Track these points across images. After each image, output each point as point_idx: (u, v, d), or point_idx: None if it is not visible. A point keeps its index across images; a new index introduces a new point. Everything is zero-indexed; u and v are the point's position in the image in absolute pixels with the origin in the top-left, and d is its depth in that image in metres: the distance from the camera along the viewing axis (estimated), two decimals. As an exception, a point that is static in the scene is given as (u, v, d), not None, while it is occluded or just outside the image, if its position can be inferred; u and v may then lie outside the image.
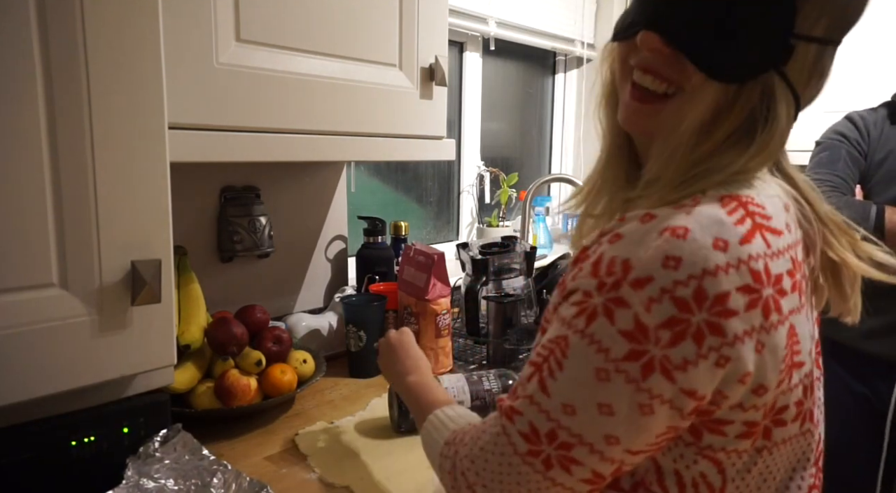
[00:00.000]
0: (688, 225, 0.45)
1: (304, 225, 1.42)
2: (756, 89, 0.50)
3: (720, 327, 0.44)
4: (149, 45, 0.67)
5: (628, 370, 0.45)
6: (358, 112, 1.01)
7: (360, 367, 1.25)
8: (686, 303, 0.43)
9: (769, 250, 0.47)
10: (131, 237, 0.68)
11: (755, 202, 0.49)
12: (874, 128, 1.46)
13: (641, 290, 0.44)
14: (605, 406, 0.46)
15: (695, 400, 0.46)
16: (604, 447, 0.48)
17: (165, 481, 0.74)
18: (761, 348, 0.46)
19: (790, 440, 0.53)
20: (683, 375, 0.44)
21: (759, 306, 0.45)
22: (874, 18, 1.44)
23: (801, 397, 0.52)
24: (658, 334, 0.44)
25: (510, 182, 2.03)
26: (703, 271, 0.44)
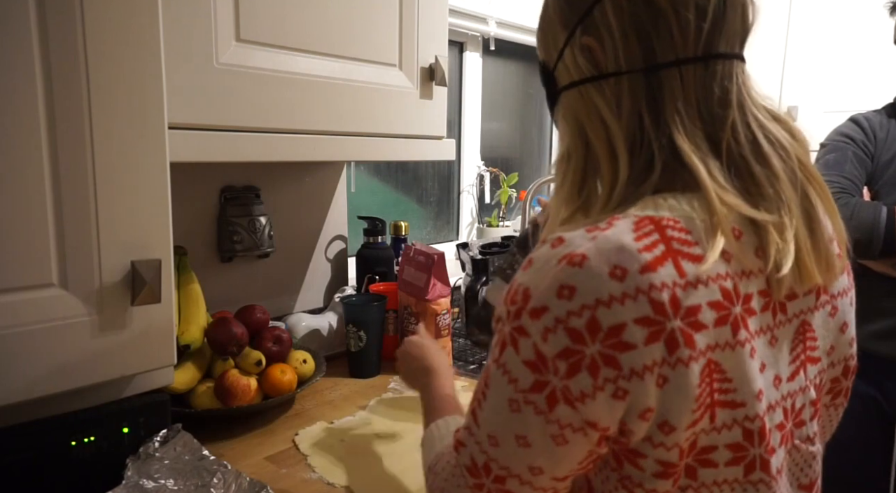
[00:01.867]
0: (586, 252, 0.44)
1: (304, 225, 1.42)
2: None
3: (615, 360, 0.43)
4: (149, 45, 0.67)
5: (536, 402, 0.45)
6: (358, 112, 1.01)
7: (360, 367, 1.25)
8: (580, 334, 0.43)
9: (682, 279, 0.44)
10: (131, 237, 0.68)
11: (677, 226, 0.46)
12: (880, 129, 1.46)
13: (538, 320, 0.44)
14: (521, 438, 0.47)
15: (598, 431, 0.45)
16: (531, 478, 0.48)
17: (165, 481, 0.74)
18: (663, 382, 0.43)
19: (727, 485, 0.49)
20: (583, 406, 0.44)
21: (660, 340, 0.43)
22: (874, 19, 1.44)
23: (741, 441, 0.47)
24: (556, 365, 0.44)
25: (510, 182, 2.03)
26: (597, 301, 0.42)
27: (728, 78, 0.51)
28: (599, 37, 0.52)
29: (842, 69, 1.83)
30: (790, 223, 0.49)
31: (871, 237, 1.25)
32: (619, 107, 0.52)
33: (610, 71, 0.52)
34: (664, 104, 0.50)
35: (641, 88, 0.51)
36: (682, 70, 0.50)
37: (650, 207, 0.48)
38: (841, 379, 0.60)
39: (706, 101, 0.50)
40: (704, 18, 0.49)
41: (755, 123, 0.51)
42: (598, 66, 0.53)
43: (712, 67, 0.50)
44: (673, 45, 0.50)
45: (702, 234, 0.46)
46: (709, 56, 0.50)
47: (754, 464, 0.48)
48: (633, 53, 0.51)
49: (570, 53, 0.54)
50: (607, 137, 0.52)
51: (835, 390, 0.61)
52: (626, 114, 0.51)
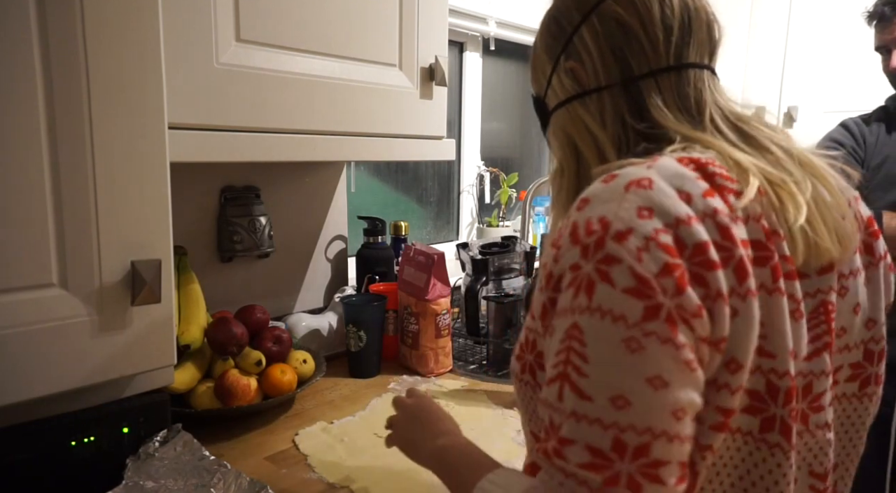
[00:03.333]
0: (650, 176, 0.45)
1: (304, 225, 1.42)
2: None
3: (704, 279, 0.42)
4: (149, 45, 0.67)
5: (656, 331, 0.40)
6: (358, 112, 1.01)
7: (360, 367, 1.25)
8: (672, 249, 0.42)
9: (731, 212, 0.45)
10: (131, 237, 0.68)
11: (715, 163, 0.48)
12: (870, 134, 1.47)
13: (626, 241, 0.42)
14: (656, 378, 0.40)
15: (708, 345, 0.43)
16: (678, 427, 0.41)
17: (165, 481, 0.74)
18: (733, 314, 0.43)
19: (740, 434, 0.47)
20: (699, 322, 0.42)
21: (730, 266, 0.43)
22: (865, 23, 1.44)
23: (763, 393, 0.47)
24: (662, 284, 0.41)
25: (510, 182, 2.03)
26: (676, 219, 0.43)
27: (700, 82, 0.57)
28: (580, 59, 0.59)
29: (842, 69, 1.83)
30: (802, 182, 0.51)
31: None
32: (603, 116, 0.58)
33: (592, 87, 0.58)
34: (647, 106, 0.56)
35: (621, 98, 0.57)
36: (658, 79, 0.56)
37: (681, 150, 0.51)
38: (865, 365, 0.58)
39: (684, 102, 0.56)
40: (672, 33, 0.56)
41: (735, 118, 0.57)
42: (582, 84, 0.59)
43: (685, 75, 0.56)
44: (646, 59, 0.56)
45: (734, 174, 0.48)
46: (681, 65, 0.56)
47: (773, 423, 0.47)
48: (610, 69, 0.57)
49: (556, 79, 0.61)
50: (595, 144, 0.58)
51: (861, 377, 0.58)
52: (610, 122, 0.58)
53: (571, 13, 0.59)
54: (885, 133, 1.45)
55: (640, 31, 0.56)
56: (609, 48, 0.57)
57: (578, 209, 0.46)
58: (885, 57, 1.42)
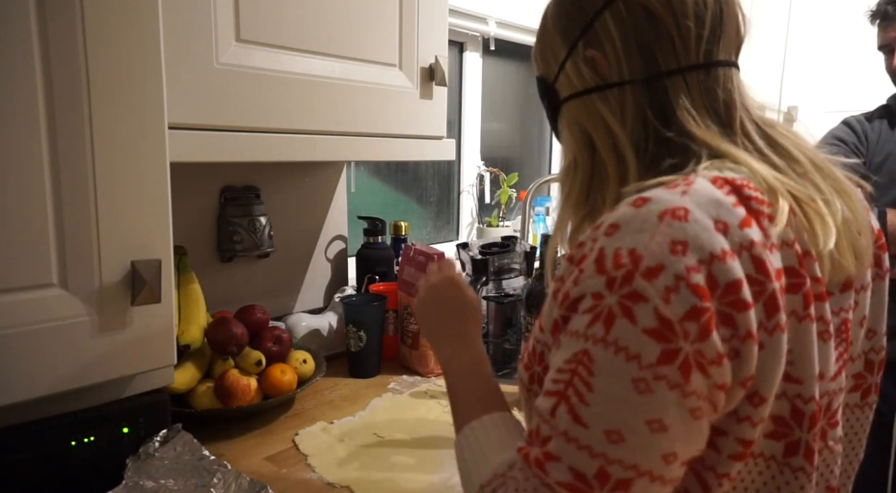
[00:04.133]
0: (686, 205, 0.42)
1: (304, 225, 1.42)
2: None
3: (732, 319, 0.41)
4: (149, 45, 0.67)
5: (668, 375, 0.39)
6: (358, 112, 1.01)
7: (360, 367, 1.25)
8: (703, 291, 0.40)
9: (767, 240, 0.43)
10: (131, 237, 0.68)
11: (750, 185, 0.46)
12: (872, 131, 1.47)
13: (656, 279, 0.40)
14: (655, 422, 0.40)
15: (724, 393, 0.42)
16: (664, 470, 0.41)
17: (165, 481, 0.74)
18: (760, 348, 0.42)
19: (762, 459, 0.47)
20: (717, 369, 0.40)
21: (761, 301, 0.42)
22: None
23: (788, 418, 0.46)
24: (685, 328, 0.40)
25: (510, 182, 2.03)
26: (711, 255, 0.41)
27: (729, 82, 0.53)
28: (602, 48, 0.54)
29: (842, 70, 1.84)
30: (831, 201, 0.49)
31: None
32: (624, 114, 0.53)
33: (614, 81, 0.53)
34: (673, 107, 0.52)
35: (644, 95, 0.53)
36: (686, 76, 0.52)
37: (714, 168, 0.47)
38: (866, 375, 0.58)
39: (713, 103, 0.52)
40: (704, 27, 0.51)
41: (762, 122, 0.53)
42: (602, 76, 0.54)
43: (714, 73, 0.52)
44: (675, 54, 0.52)
45: (767, 195, 0.46)
46: (710, 63, 0.52)
47: (798, 447, 0.47)
48: (635, 63, 0.52)
49: (572, 65, 0.56)
50: (613, 143, 0.54)
51: (862, 388, 0.59)
52: (631, 120, 0.53)
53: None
54: (888, 131, 1.45)
55: (671, 24, 0.51)
56: (635, 40, 0.52)
57: (607, 235, 0.43)
58: (887, 56, 1.42)
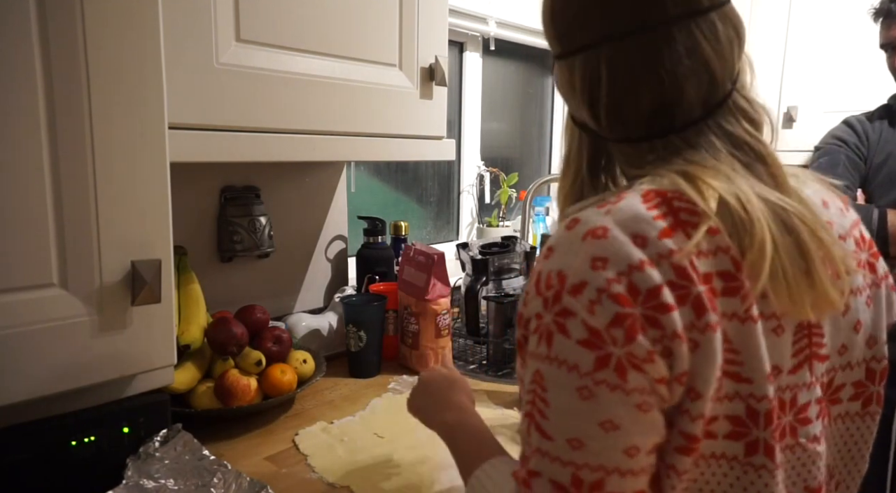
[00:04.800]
0: (605, 224, 0.46)
1: (304, 225, 1.42)
2: None
3: (658, 321, 0.44)
4: (149, 45, 0.67)
5: (606, 379, 0.44)
6: (358, 112, 1.01)
7: (360, 367, 1.25)
8: (624, 298, 0.44)
9: (693, 248, 0.46)
10: (131, 237, 0.68)
11: (682, 198, 0.48)
12: (873, 131, 1.47)
13: (581, 295, 0.44)
14: (607, 422, 0.44)
15: (665, 385, 0.45)
16: (630, 463, 0.45)
17: (165, 481, 0.74)
18: (694, 347, 0.45)
19: (725, 460, 0.49)
20: (651, 366, 0.44)
21: (687, 304, 0.45)
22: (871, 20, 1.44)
23: (744, 417, 0.48)
24: (612, 334, 0.44)
25: (510, 182, 2.03)
26: (629, 266, 0.44)
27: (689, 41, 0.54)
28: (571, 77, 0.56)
29: (842, 69, 1.83)
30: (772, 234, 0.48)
31: None
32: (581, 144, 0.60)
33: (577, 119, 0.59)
34: None
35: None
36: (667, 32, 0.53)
37: (654, 182, 0.50)
38: (867, 383, 0.58)
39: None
40: None
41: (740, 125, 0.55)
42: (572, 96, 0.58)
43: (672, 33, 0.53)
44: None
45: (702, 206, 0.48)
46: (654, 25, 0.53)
47: (757, 446, 0.48)
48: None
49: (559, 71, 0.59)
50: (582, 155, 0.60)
51: (863, 396, 0.58)
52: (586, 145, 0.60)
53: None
54: (889, 130, 1.45)
55: None
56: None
57: (545, 258, 0.48)
58: (889, 54, 1.42)
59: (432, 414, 0.75)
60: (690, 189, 0.48)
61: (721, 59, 0.52)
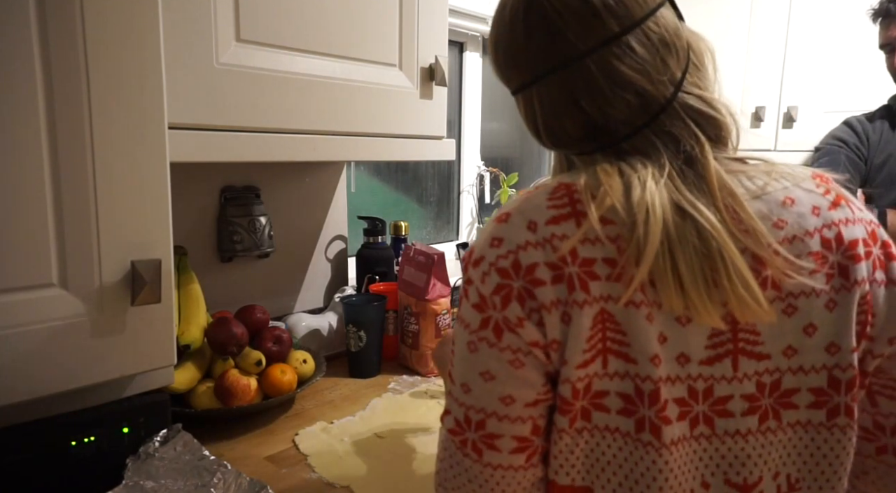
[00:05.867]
0: (510, 211, 0.54)
1: (304, 225, 1.42)
2: None
3: (533, 294, 0.51)
4: (149, 45, 0.67)
5: (487, 337, 0.52)
6: (358, 112, 1.01)
7: (360, 367, 1.25)
8: (507, 272, 0.52)
9: (580, 233, 0.51)
10: (131, 237, 0.68)
11: (587, 192, 0.53)
12: (873, 132, 1.47)
13: (478, 267, 0.53)
14: (486, 373, 0.53)
15: (541, 348, 0.52)
16: (506, 410, 0.53)
17: (165, 481, 0.74)
18: (568, 320, 0.51)
19: (619, 434, 0.53)
20: (522, 330, 0.51)
21: (563, 282, 0.51)
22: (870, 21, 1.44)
23: (632, 395, 0.52)
24: (493, 300, 0.52)
25: (510, 182, 2.03)
26: (517, 246, 0.52)
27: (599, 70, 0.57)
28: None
29: (842, 69, 1.83)
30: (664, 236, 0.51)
31: None
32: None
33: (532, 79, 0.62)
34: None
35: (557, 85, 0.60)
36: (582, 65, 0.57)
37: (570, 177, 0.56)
38: (830, 393, 0.55)
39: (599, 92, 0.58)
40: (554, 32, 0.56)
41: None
42: None
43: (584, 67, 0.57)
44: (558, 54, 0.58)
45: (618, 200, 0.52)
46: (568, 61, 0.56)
47: (644, 424, 0.52)
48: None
49: None
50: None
51: (827, 406, 0.55)
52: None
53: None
54: (889, 131, 1.45)
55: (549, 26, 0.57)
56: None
57: None
58: (888, 55, 1.42)
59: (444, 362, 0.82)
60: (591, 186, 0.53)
61: (647, 74, 0.54)
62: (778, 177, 0.56)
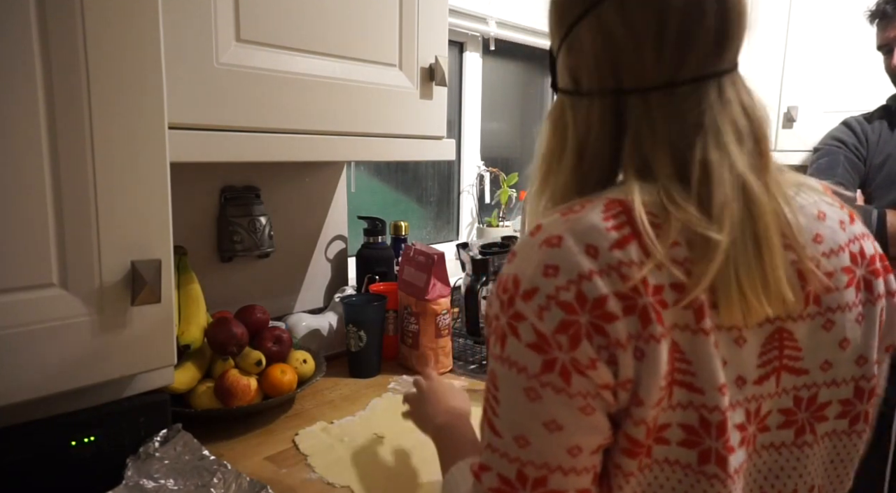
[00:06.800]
0: (562, 233, 0.47)
1: (304, 225, 1.42)
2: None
3: (603, 329, 0.45)
4: (149, 45, 0.67)
5: (552, 382, 0.46)
6: (358, 112, 1.01)
7: (360, 367, 1.25)
8: (571, 306, 0.45)
9: (648, 259, 0.46)
10: (131, 237, 0.68)
11: (645, 209, 0.48)
12: (872, 132, 1.47)
13: (531, 300, 0.46)
14: (551, 423, 0.46)
15: (609, 390, 0.47)
16: (572, 462, 0.47)
17: (165, 481, 0.74)
18: (641, 356, 0.46)
19: (679, 466, 0.49)
20: (594, 372, 0.46)
21: (635, 313, 0.46)
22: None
23: (697, 427, 0.49)
24: (558, 340, 0.45)
25: (510, 182, 2.03)
26: (579, 275, 0.46)
27: (697, 103, 0.51)
28: (577, 57, 0.55)
29: (842, 69, 1.83)
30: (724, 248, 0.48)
31: None
32: (588, 125, 0.55)
33: (584, 91, 0.55)
34: (628, 128, 0.53)
35: (610, 111, 0.54)
36: (648, 97, 0.52)
37: (623, 191, 0.50)
38: (854, 402, 0.56)
39: (672, 126, 0.51)
40: (663, 48, 0.51)
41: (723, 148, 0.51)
42: (577, 83, 0.56)
43: (679, 94, 0.52)
44: (635, 74, 0.52)
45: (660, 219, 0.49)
46: (673, 83, 0.51)
47: (709, 456, 0.49)
48: (603, 78, 0.53)
49: (560, 62, 0.58)
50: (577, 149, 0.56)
51: (850, 415, 0.57)
52: (594, 133, 0.55)
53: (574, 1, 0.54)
54: (888, 131, 1.45)
55: (630, 44, 0.51)
56: (602, 56, 0.53)
57: (508, 263, 0.50)
58: (886, 56, 1.42)
59: (427, 419, 0.81)
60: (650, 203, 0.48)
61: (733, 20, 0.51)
62: (807, 190, 0.56)
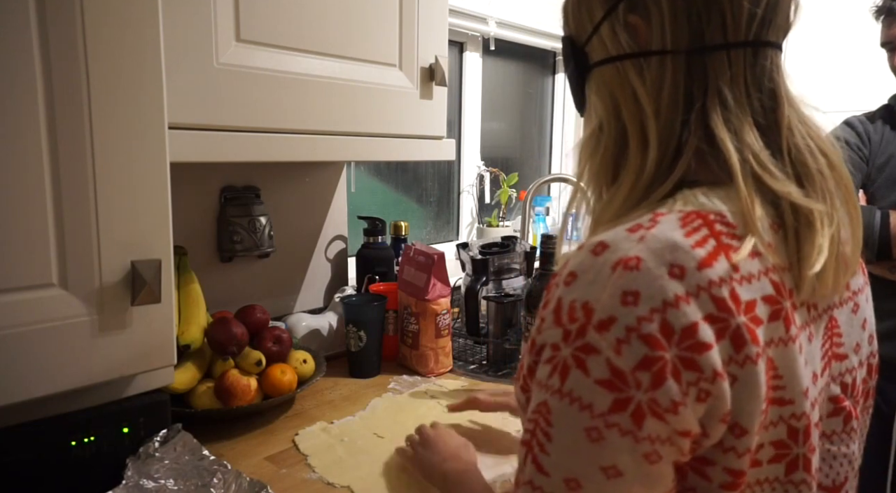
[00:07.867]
0: (639, 254, 0.42)
1: (304, 225, 1.42)
2: None
3: (695, 362, 0.40)
4: (149, 45, 0.67)
5: (619, 423, 0.41)
6: (358, 112, 1.01)
7: (360, 367, 1.25)
8: (656, 339, 0.40)
9: (737, 273, 0.43)
10: (131, 237, 0.68)
11: (724, 220, 0.45)
12: (874, 132, 1.46)
13: (608, 332, 0.41)
14: (610, 468, 0.41)
15: (689, 438, 0.42)
16: None
17: (165, 481, 0.74)
18: (733, 382, 0.42)
19: (768, 483, 0.47)
20: (675, 417, 0.41)
21: (726, 337, 0.41)
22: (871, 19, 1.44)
23: (785, 439, 0.46)
24: (638, 378, 0.40)
25: (510, 182, 2.03)
26: (664, 303, 0.40)
27: (776, 70, 0.50)
28: (647, 14, 0.49)
29: (842, 69, 1.84)
30: (833, 220, 0.48)
31: (867, 241, 1.26)
32: (659, 89, 0.50)
33: (654, 49, 0.49)
34: (707, 89, 0.48)
35: (683, 71, 0.49)
36: (731, 54, 0.48)
37: (691, 201, 0.46)
38: (868, 379, 0.58)
39: (756, 89, 0.49)
40: (758, 5, 0.48)
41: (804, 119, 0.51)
42: (641, 44, 0.50)
43: (762, 55, 0.49)
44: (723, 28, 0.48)
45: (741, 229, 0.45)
46: (759, 43, 0.48)
47: (797, 463, 0.47)
48: (680, 34, 0.48)
49: (608, 29, 0.52)
50: (641, 119, 0.51)
51: (865, 391, 0.58)
52: (666, 96, 0.49)
53: None
54: (890, 132, 1.45)
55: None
56: (684, 9, 0.48)
57: (566, 284, 0.44)
58: (890, 53, 1.42)
59: (433, 465, 0.80)
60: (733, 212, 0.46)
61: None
62: None
